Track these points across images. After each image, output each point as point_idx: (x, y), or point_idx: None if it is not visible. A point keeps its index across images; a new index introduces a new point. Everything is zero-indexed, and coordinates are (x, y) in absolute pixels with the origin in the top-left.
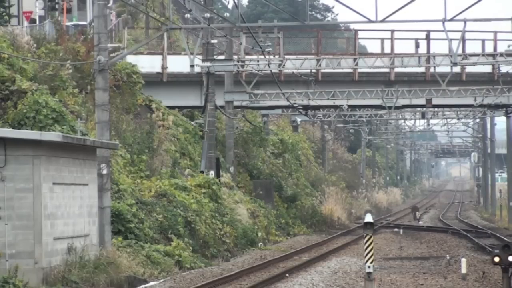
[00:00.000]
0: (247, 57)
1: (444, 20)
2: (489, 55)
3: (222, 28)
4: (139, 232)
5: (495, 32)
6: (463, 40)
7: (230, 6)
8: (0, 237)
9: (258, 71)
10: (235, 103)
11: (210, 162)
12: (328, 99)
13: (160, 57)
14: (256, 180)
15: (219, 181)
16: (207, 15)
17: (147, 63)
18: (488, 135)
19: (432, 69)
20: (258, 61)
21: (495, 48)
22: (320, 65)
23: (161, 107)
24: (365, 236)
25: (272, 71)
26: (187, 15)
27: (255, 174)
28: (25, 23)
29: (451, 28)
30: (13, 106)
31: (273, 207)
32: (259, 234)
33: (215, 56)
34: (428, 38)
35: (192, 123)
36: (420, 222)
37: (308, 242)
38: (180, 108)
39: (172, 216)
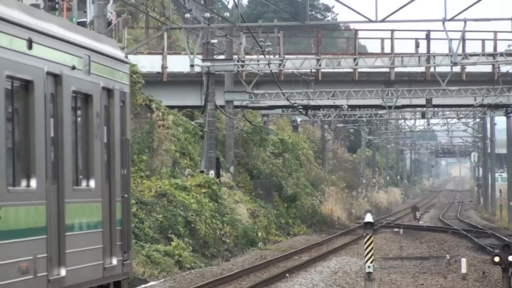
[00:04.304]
0: (247, 57)
1: (444, 20)
2: (489, 55)
3: (222, 28)
4: (139, 232)
5: (495, 32)
6: (463, 40)
7: (230, 6)
8: None
9: (258, 71)
10: (235, 103)
11: (210, 162)
12: (328, 99)
13: (160, 57)
14: (256, 180)
15: (219, 181)
16: (207, 15)
17: (147, 63)
18: (488, 135)
19: (432, 69)
20: (258, 61)
21: (495, 48)
22: (320, 65)
23: (161, 107)
24: (365, 236)
25: (272, 71)
26: (187, 15)
27: (255, 174)
28: None
29: (451, 28)
30: None
31: (273, 207)
32: (259, 234)
33: (215, 56)
34: (428, 38)
35: (192, 123)
36: (420, 222)
37: (308, 242)
38: (180, 108)
39: (172, 216)
